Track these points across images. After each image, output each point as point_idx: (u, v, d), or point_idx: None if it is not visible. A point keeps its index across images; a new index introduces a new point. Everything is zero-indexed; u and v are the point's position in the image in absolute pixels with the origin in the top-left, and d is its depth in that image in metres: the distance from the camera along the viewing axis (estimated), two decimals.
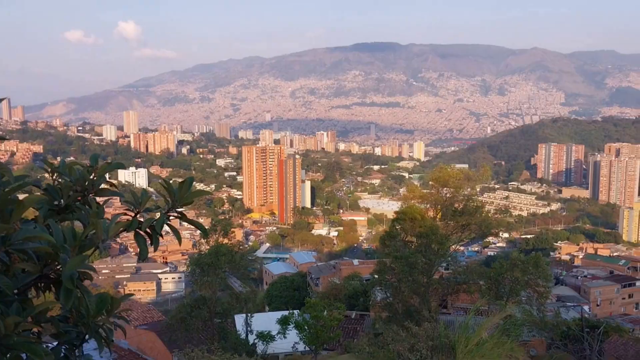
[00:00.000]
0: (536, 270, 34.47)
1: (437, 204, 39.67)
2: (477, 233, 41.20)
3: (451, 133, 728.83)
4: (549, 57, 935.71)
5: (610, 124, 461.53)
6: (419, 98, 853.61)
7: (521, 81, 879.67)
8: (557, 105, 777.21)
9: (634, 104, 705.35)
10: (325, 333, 27.05)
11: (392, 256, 33.61)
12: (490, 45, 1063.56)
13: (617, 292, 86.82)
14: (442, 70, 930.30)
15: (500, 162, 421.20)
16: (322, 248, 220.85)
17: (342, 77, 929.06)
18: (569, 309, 54.92)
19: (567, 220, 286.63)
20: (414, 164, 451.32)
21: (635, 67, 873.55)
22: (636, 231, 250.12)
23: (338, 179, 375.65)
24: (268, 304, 69.70)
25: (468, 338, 12.21)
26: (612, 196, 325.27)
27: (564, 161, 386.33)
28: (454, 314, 43.20)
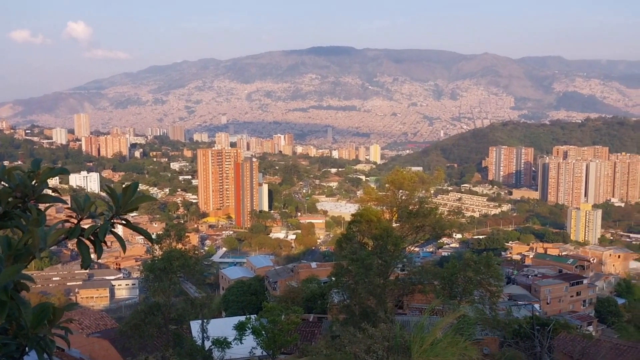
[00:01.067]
0: (488, 270, 35.31)
1: (392, 206, 40.11)
2: (431, 234, 41.87)
3: (406, 136, 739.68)
4: (499, 62, 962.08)
5: (557, 128, 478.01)
6: (374, 102, 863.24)
7: (472, 86, 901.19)
8: (507, 109, 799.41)
9: (580, 108, 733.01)
10: (282, 337, 26.92)
11: (349, 258, 33.80)
12: (442, 50, 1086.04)
13: (565, 290, 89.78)
14: (397, 74, 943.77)
15: (453, 164, 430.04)
16: (280, 251, 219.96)
17: (298, 80, 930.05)
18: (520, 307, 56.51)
19: (518, 221, 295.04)
20: (371, 167, 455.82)
21: (580, 73, 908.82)
22: (583, 231, 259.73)
23: (296, 182, 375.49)
24: (225, 309, 68.93)
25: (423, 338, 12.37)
26: (560, 197, 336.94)
27: (514, 163, 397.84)
28: (410, 314, 43.78)
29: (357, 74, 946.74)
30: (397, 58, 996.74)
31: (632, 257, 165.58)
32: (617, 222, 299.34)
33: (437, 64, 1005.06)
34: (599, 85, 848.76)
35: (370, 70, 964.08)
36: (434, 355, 12.06)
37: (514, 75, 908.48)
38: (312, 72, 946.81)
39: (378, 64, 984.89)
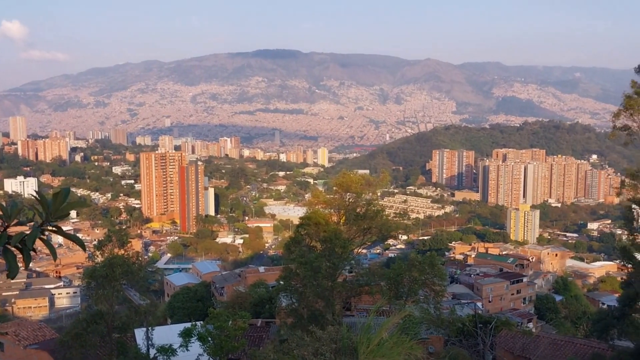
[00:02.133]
0: (432, 270, 36.07)
1: (340, 208, 40.39)
2: (378, 236, 42.40)
3: (353, 140, 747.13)
4: (441, 68, 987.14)
5: (497, 131, 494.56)
6: (321, 105, 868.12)
7: (416, 90, 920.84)
8: (449, 114, 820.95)
9: (518, 112, 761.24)
10: (229, 343, 26.59)
11: (297, 261, 33.78)
12: (387, 55, 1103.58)
13: (506, 289, 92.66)
14: (343, 78, 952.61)
15: (398, 167, 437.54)
16: (227, 256, 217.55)
17: (244, 82, 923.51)
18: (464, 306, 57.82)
19: (460, 222, 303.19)
20: (319, 170, 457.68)
21: (518, 78, 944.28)
22: (522, 230, 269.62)
23: (243, 186, 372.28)
24: (170, 317, 67.59)
25: (369, 339, 12.48)
26: (500, 198, 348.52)
27: (456, 166, 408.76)
28: (357, 316, 44.17)
29: (304, 77, 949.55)
30: (343, 62, 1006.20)
31: (568, 255, 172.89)
32: (554, 222, 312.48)
33: (382, 68, 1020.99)
34: (535, 90, 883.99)
35: (317, 74, 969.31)
36: (380, 355, 12.19)
37: (455, 80, 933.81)
38: (258, 74, 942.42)
39: (324, 67, 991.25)
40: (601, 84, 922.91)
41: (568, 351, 37.47)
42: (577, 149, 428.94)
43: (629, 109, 26.12)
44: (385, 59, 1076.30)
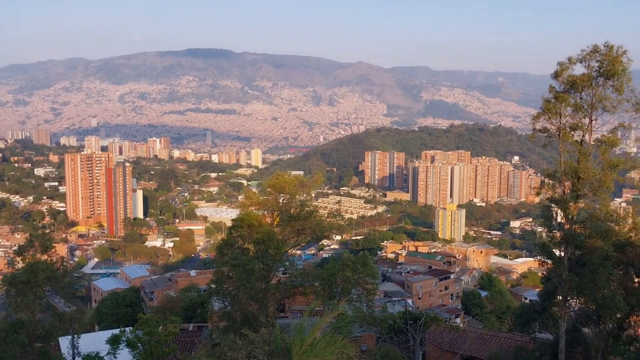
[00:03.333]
0: (365, 269, 36.57)
1: (274, 210, 40.21)
2: (312, 236, 42.49)
3: (287, 141, 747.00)
4: (372, 71, 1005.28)
5: (425, 133, 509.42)
6: (254, 106, 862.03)
7: (348, 93, 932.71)
8: (381, 116, 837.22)
9: (445, 115, 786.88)
10: (159, 349, 25.88)
11: (230, 264, 33.35)
12: (320, 57, 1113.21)
13: (435, 285, 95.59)
14: (276, 79, 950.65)
15: (332, 168, 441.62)
16: (157, 260, 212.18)
17: (174, 82, 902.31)
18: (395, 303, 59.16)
19: (391, 221, 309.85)
20: (252, 171, 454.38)
21: (445, 82, 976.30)
22: (449, 229, 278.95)
23: (173, 188, 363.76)
24: (98, 323, 65.27)
25: (303, 339, 12.55)
26: (429, 198, 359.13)
27: (387, 167, 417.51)
28: (291, 317, 44.23)
29: (236, 77, 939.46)
30: (276, 63, 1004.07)
31: (492, 252, 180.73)
32: (479, 221, 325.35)
33: (315, 70, 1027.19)
34: (461, 94, 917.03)
35: (250, 74, 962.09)
36: (314, 355, 12.28)
37: (386, 84, 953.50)
38: (189, 74, 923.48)
39: (257, 68, 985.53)
40: (522, 89, 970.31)
41: (493, 345, 39.08)
42: (500, 150, 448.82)
43: (547, 113, 27.58)
44: (318, 61, 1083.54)
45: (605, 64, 25.90)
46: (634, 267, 28.86)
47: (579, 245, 27.12)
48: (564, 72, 26.99)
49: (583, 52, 26.48)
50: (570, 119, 27.40)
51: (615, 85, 26.12)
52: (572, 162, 27.19)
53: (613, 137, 26.82)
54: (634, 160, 29.13)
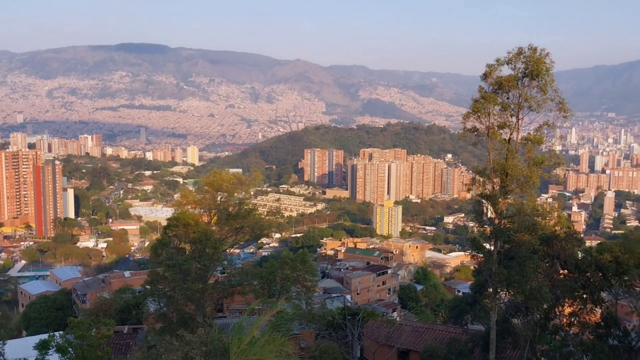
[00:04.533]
0: (304, 267, 36.75)
1: (211, 208, 39.65)
2: (251, 235, 42.23)
3: (224, 138, 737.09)
4: (310, 69, 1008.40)
5: (363, 132, 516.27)
6: (190, 102, 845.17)
7: (287, 90, 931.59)
8: (319, 114, 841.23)
9: (382, 114, 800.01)
10: (92, 353, 25.03)
11: (165, 264, 32.68)
12: (258, 54, 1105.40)
13: (373, 281, 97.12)
14: (213, 75, 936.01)
15: (271, 166, 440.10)
16: (90, 261, 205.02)
17: (107, 77, 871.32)
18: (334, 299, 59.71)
19: (331, 219, 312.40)
20: (188, 169, 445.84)
21: (382, 82, 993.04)
22: (387, 225, 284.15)
23: (106, 186, 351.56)
24: (25, 329, 62.34)
25: (241, 339, 12.47)
26: (367, 195, 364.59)
27: (326, 165, 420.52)
28: (230, 317, 43.81)
29: (171, 73, 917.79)
30: (213, 59, 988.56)
31: (427, 247, 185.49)
32: (414, 217, 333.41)
33: (253, 67, 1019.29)
34: (397, 94, 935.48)
35: (186, 70, 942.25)
36: (252, 354, 12.23)
37: (324, 82, 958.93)
38: (122, 69, 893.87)
39: (193, 64, 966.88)
40: (454, 89, 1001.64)
41: (428, 337, 40.19)
42: (434, 148, 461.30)
43: (476, 112, 28.61)
44: (256, 57, 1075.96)
45: (530, 65, 27.15)
46: (559, 259, 30.42)
47: (507, 239, 28.28)
48: (492, 73, 28.07)
49: (509, 54, 27.66)
50: (498, 118, 28.53)
51: (539, 85, 27.43)
52: (500, 160, 28.31)
53: (538, 135, 28.12)
54: (558, 157, 30.65)
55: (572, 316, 30.77)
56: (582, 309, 30.62)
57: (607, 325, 30.39)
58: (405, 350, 40.30)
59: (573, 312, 30.82)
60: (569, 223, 34.05)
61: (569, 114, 27.57)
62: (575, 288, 30.42)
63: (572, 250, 30.32)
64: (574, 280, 30.61)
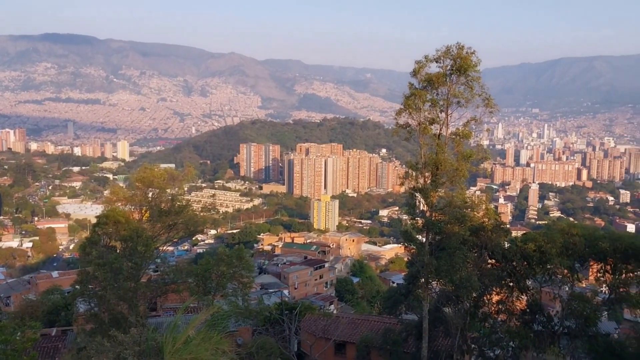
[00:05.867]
0: (240, 263, 36.49)
1: (143, 205, 38.66)
2: (185, 232, 41.46)
3: (156, 132, 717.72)
4: (245, 63, 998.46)
5: (300, 126, 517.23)
6: (120, 95, 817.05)
7: (221, 84, 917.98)
8: (255, 108, 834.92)
9: (318, 109, 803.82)
10: (17, 357, 23.89)
11: (95, 264, 31.59)
12: (191, 47, 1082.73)
13: (310, 275, 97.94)
14: (144, 68, 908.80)
15: (206, 161, 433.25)
16: (14, 262, 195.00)
17: (30, 69, 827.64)
18: (271, 295, 59.70)
19: (268, 214, 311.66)
20: (119, 165, 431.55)
21: (318, 77, 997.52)
22: (324, 219, 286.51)
23: (31, 183, 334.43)
24: None
25: (176, 337, 12.29)
26: (304, 190, 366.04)
27: (263, 160, 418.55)
28: (164, 316, 42.95)
29: (100, 65, 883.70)
30: (144, 51, 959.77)
31: (363, 240, 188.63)
32: (351, 210, 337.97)
33: (185, 60, 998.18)
34: (333, 89, 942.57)
35: (115, 63, 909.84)
36: (187, 353, 12.08)
37: (259, 76, 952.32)
38: (47, 60, 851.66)
39: (123, 56, 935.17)
40: (388, 85, 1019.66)
41: (364, 328, 40.96)
42: (369, 143, 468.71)
43: (408, 108, 29.36)
44: (189, 50, 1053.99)
45: (457, 62, 28.11)
46: (487, 249, 31.76)
47: (438, 231, 29.22)
48: (421, 70, 28.86)
49: (438, 51, 28.53)
50: (428, 114, 29.39)
51: (467, 82, 28.45)
52: (431, 154, 29.18)
53: (466, 130, 29.18)
54: (485, 151, 31.89)
55: (499, 304, 32.22)
56: (509, 297, 32.15)
57: (532, 312, 32.05)
58: (341, 342, 40.91)
59: (501, 299, 32.28)
60: (496, 214, 35.58)
61: (495, 109, 28.72)
62: (502, 277, 31.88)
63: (499, 240, 31.72)
64: (501, 269, 32.06)
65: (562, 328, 31.18)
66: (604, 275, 31.45)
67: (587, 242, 31.20)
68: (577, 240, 31.12)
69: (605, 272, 31.40)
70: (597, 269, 31.98)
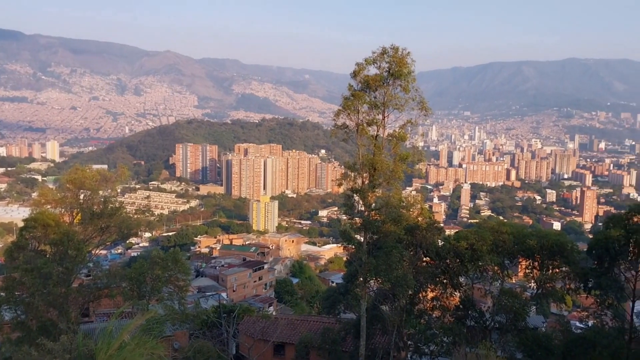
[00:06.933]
0: (176, 266, 35.75)
1: (73, 207, 37.22)
2: (118, 234, 40.22)
3: (88, 132, 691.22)
4: (181, 61, 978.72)
5: (238, 127, 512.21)
6: (49, 94, 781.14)
7: (156, 82, 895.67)
8: (191, 108, 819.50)
9: (256, 109, 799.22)
10: None
11: (22, 269, 30.13)
12: (124, 44, 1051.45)
13: (249, 277, 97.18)
14: (75, 66, 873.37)
15: (140, 162, 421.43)
16: None
17: None
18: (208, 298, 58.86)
19: (205, 215, 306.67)
20: (48, 165, 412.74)
21: (256, 77, 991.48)
22: (263, 221, 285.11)
23: None
24: None
25: (109, 344, 11.95)
26: (243, 191, 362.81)
27: (200, 160, 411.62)
28: (97, 321, 41.50)
29: (27, 61, 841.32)
30: (74, 48, 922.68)
31: (303, 240, 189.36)
32: (290, 211, 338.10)
33: (119, 57, 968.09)
34: (271, 89, 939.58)
35: (44, 59, 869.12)
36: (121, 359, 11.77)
37: (196, 75, 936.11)
38: None
39: (52, 52, 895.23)
40: (326, 86, 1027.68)
41: (303, 329, 41.09)
42: (308, 144, 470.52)
43: (346, 109, 29.75)
44: (122, 47, 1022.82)
45: (393, 65, 28.71)
46: (422, 248, 32.61)
47: (376, 230, 29.77)
48: (360, 72, 29.31)
49: (374, 53, 29.03)
50: (366, 116, 29.89)
51: (402, 85, 29.12)
52: (369, 155, 29.69)
53: (402, 132, 29.89)
54: (420, 153, 32.73)
55: (434, 300, 33.16)
56: (443, 294, 33.13)
57: (465, 308, 33.18)
58: (280, 343, 40.88)
59: (435, 296, 33.22)
60: (430, 214, 36.64)
61: (429, 112, 29.54)
62: (436, 274, 32.82)
63: (433, 239, 32.63)
64: (435, 267, 33.01)
65: (493, 323, 32.42)
66: (532, 271, 32.88)
67: (516, 240, 32.56)
68: (507, 238, 32.45)
69: (533, 268, 32.86)
70: (526, 265, 33.40)
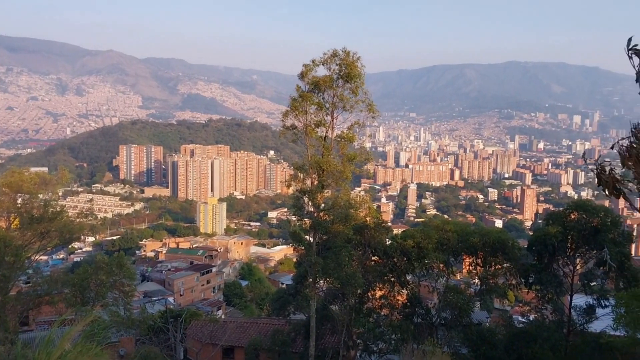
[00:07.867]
0: (120, 271, 34.87)
1: (10, 212, 35.67)
2: (59, 239, 38.81)
3: (26, 133, 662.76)
4: (125, 61, 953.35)
5: (184, 127, 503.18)
6: None
7: (99, 82, 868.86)
8: (136, 108, 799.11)
9: (203, 109, 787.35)
10: None
11: None
12: (64, 43, 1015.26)
13: (197, 280, 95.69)
14: (11, 64, 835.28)
15: (82, 164, 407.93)
16: None
17: None
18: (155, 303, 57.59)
19: (151, 219, 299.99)
20: None
21: (202, 77, 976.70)
22: (211, 223, 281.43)
23: None
24: None
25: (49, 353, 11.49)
26: (190, 193, 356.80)
27: (144, 162, 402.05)
28: (37, 330, 39.88)
29: None
30: (10, 46, 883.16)
31: (252, 242, 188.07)
32: (239, 213, 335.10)
33: (59, 57, 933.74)
34: (218, 90, 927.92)
35: None
36: None
37: (140, 74, 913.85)
38: None
39: None
40: (275, 87, 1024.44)
41: (252, 332, 40.82)
42: (257, 145, 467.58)
43: (294, 110, 29.77)
44: (62, 46, 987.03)
45: (343, 67, 28.95)
46: (370, 247, 33.04)
47: (325, 231, 29.94)
48: (308, 73, 29.38)
49: (325, 55, 29.19)
50: (315, 117, 29.99)
51: (352, 87, 29.40)
52: (317, 156, 29.81)
53: (350, 133, 30.16)
54: (368, 153, 33.17)
55: (382, 299, 33.63)
56: (391, 292, 33.66)
57: (412, 305, 33.82)
58: (229, 347, 40.46)
59: (383, 295, 33.71)
60: (378, 213, 37.19)
61: (376, 114, 29.93)
62: (384, 273, 33.31)
63: (381, 238, 33.12)
64: (383, 266, 33.50)
65: (439, 319, 33.19)
66: (475, 268, 33.86)
67: (460, 238, 33.46)
68: (451, 236, 33.30)
69: (476, 265, 33.84)
70: (470, 262, 34.35)
